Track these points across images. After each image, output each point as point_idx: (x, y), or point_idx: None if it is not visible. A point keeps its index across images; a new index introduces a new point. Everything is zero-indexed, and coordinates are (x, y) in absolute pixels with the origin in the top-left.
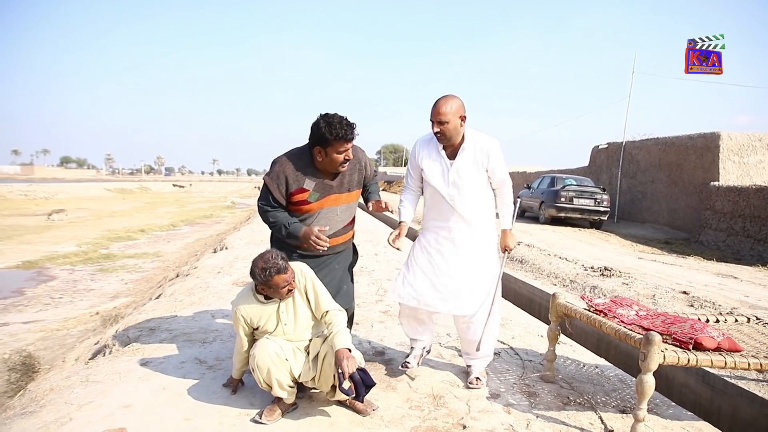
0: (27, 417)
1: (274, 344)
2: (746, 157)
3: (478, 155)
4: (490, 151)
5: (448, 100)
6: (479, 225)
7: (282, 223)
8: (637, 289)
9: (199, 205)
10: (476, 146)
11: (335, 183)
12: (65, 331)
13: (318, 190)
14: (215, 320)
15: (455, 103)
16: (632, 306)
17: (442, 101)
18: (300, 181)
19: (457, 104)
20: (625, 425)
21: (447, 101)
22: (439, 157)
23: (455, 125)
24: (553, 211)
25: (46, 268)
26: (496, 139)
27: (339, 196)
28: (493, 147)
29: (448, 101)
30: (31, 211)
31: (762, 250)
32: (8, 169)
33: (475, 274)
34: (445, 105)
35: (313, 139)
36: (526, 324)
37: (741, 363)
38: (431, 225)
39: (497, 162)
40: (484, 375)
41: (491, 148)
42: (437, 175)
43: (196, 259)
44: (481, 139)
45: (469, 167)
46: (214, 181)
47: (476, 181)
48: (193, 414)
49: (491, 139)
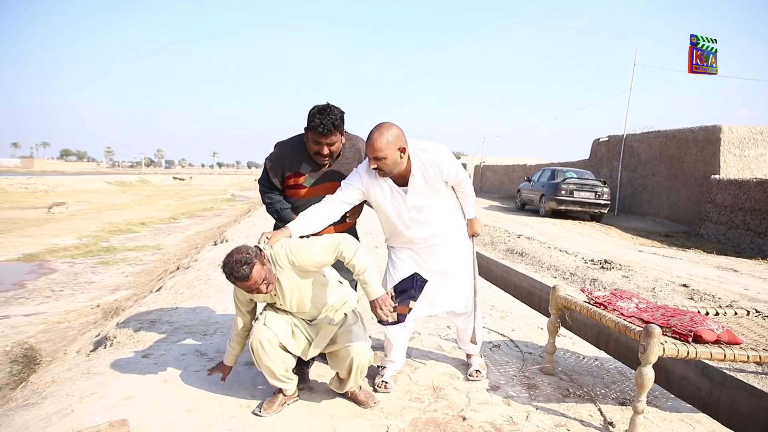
0: (29, 408)
1: (269, 331)
2: (747, 150)
3: (429, 173)
4: (440, 164)
5: (383, 133)
6: (449, 228)
7: (276, 206)
8: (637, 282)
9: (200, 197)
10: (425, 166)
11: (332, 170)
12: (66, 324)
13: (313, 176)
14: (216, 312)
15: (391, 134)
16: (632, 299)
17: (376, 134)
18: (296, 165)
19: (394, 135)
20: (625, 417)
21: (382, 134)
22: (389, 187)
23: (394, 159)
24: (553, 203)
25: (47, 261)
26: (440, 145)
27: (335, 184)
28: (441, 157)
29: (383, 134)
30: (31, 204)
31: (762, 243)
32: (8, 162)
33: (458, 271)
34: (380, 139)
35: (307, 125)
36: (526, 316)
37: (740, 355)
38: (398, 244)
39: (450, 168)
40: (484, 367)
41: (439, 160)
42: (395, 204)
43: (196, 252)
44: (425, 156)
45: (424, 188)
46: (214, 173)
47: (434, 195)
48: (194, 405)
49: (435, 148)
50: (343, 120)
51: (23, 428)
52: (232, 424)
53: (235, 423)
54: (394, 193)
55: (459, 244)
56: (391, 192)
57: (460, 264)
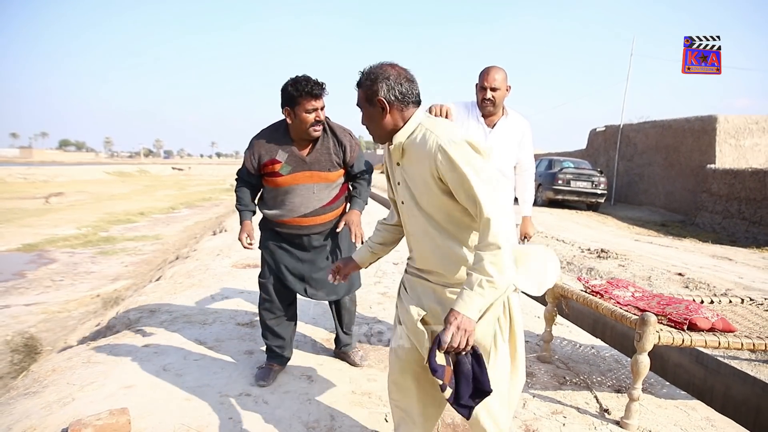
0: (30, 397)
1: None
2: (743, 140)
3: (514, 129)
4: (525, 129)
5: (499, 69)
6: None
7: (241, 202)
8: (633, 271)
9: (198, 187)
10: (512, 120)
11: (310, 159)
12: (66, 313)
13: (290, 163)
14: (215, 302)
15: (504, 73)
16: (628, 287)
17: (494, 69)
18: (272, 152)
19: (506, 74)
20: (620, 404)
21: (499, 69)
22: (478, 123)
23: (503, 94)
24: (550, 193)
25: (47, 251)
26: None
27: (313, 173)
28: (528, 127)
29: (500, 70)
30: (30, 194)
31: (757, 232)
32: (7, 152)
33: None
34: (498, 72)
35: (283, 100)
36: (523, 305)
37: (734, 343)
38: None
39: (528, 140)
40: None
41: (526, 127)
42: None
43: (195, 242)
44: (515, 116)
45: (505, 138)
46: (213, 163)
47: (507, 153)
48: (194, 394)
49: (524, 119)
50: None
51: (24, 417)
52: (231, 412)
53: (234, 411)
54: (480, 130)
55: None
56: (480, 127)
57: None
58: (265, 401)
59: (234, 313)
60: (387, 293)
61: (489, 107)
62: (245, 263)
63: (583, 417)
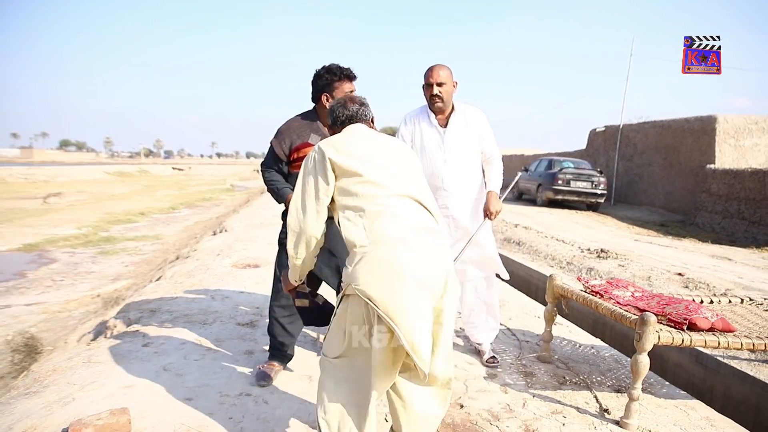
0: (31, 397)
1: None
2: (742, 140)
3: (470, 121)
4: (481, 118)
5: (442, 66)
6: (470, 196)
7: (277, 183)
8: (632, 271)
9: (199, 188)
10: (467, 114)
11: None
12: (67, 313)
13: None
14: (215, 302)
15: (449, 69)
16: (628, 287)
17: (437, 66)
18: (305, 135)
19: (450, 70)
20: (620, 404)
21: (442, 66)
22: (432, 126)
23: (450, 89)
24: (550, 193)
25: (47, 251)
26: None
27: None
28: (483, 115)
29: (443, 66)
30: (31, 194)
31: (756, 232)
32: (7, 152)
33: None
34: (442, 69)
35: (318, 88)
36: (523, 305)
37: (734, 343)
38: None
39: (487, 129)
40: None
41: (481, 116)
42: (433, 143)
43: (195, 242)
44: (469, 109)
45: (462, 131)
46: (213, 164)
47: (468, 147)
48: (194, 394)
49: (478, 109)
50: None
51: (25, 416)
52: (232, 412)
53: (234, 411)
54: (434, 131)
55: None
56: (433, 128)
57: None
58: (265, 401)
59: (234, 313)
60: None
61: (438, 103)
62: (245, 263)
63: (583, 417)
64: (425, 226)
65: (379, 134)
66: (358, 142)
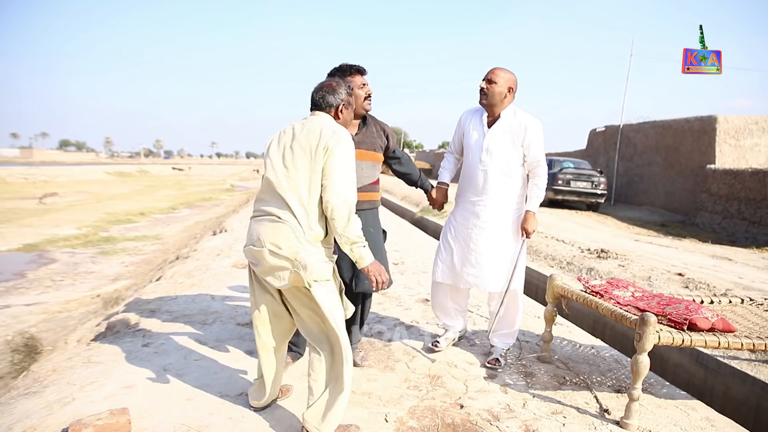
0: (31, 397)
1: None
2: (742, 140)
3: (515, 128)
4: (528, 127)
5: (504, 69)
6: (507, 204)
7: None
8: (633, 271)
9: (199, 188)
10: (515, 120)
11: (358, 139)
12: (67, 313)
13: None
14: (215, 302)
15: (509, 74)
16: (628, 287)
17: (498, 67)
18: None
19: (511, 76)
20: (620, 404)
21: (503, 69)
22: (480, 125)
23: (501, 91)
24: (550, 193)
25: (47, 251)
26: (539, 120)
27: (361, 151)
28: (532, 124)
29: (505, 69)
30: (31, 194)
31: (756, 232)
32: (7, 153)
33: (500, 252)
34: (501, 70)
35: None
36: (523, 305)
37: (734, 343)
38: (462, 200)
39: (534, 139)
40: (503, 358)
41: (530, 124)
42: (474, 140)
43: (195, 242)
44: (522, 115)
45: (503, 137)
46: (213, 164)
47: (508, 152)
48: (194, 394)
49: (533, 118)
50: None
51: (25, 416)
52: (231, 412)
53: (234, 411)
54: (479, 129)
55: (510, 227)
56: (479, 128)
57: (505, 246)
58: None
59: (234, 313)
60: (387, 293)
61: (482, 99)
62: (245, 263)
63: (583, 417)
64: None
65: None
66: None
